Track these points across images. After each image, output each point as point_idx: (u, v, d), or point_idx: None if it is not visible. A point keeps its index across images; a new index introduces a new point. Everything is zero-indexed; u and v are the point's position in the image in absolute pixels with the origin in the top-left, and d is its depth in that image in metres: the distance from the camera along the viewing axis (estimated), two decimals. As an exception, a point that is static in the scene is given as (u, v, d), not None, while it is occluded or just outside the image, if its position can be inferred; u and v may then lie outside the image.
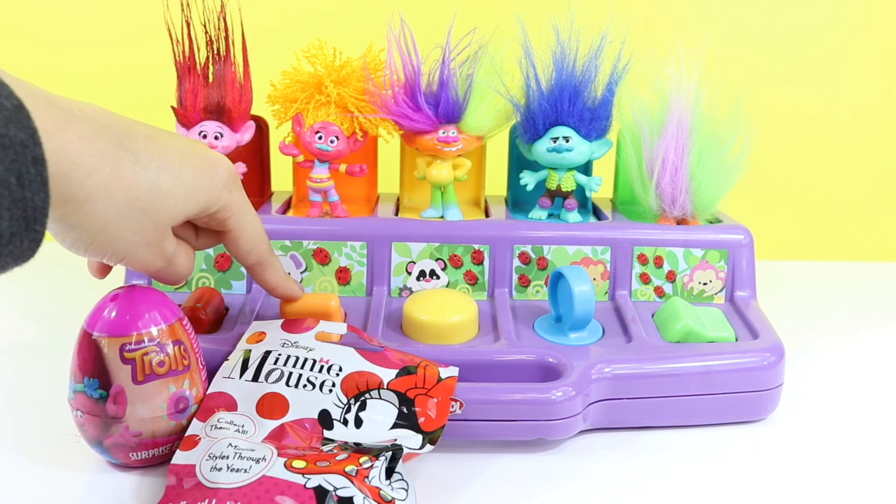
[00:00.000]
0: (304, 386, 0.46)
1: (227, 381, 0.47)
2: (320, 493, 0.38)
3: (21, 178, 0.33)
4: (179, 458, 0.42)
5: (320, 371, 0.47)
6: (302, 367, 0.47)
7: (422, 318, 0.54)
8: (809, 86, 0.91)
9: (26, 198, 0.33)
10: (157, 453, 0.45)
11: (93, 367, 0.43)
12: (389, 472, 0.41)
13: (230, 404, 0.46)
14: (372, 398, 0.46)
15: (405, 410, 0.45)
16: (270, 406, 0.45)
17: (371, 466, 0.40)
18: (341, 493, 0.38)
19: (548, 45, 0.60)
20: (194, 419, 0.45)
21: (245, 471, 0.40)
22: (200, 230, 0.48)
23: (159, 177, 0.41)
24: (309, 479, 0.39)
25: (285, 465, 0.40)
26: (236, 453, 0.41)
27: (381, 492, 0.40)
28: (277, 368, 0.47)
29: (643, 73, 0.61)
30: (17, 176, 0.33)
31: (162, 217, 0.41)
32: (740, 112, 0.61)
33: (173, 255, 0.44)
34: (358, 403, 0.45)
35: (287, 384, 0.46)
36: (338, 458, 0.41)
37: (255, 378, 0.47)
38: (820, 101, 0.92)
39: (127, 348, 0.43)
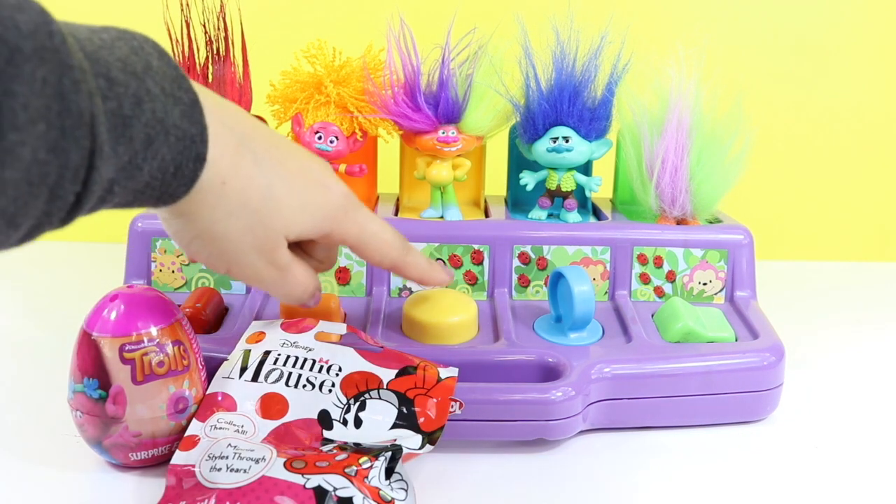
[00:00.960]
0: (304, 386, 0.46)
1: (227, 381, 0.47)
2: (320, 493, 0.38)
3: (179, 169, 0.34)
4: (179, 458, 0.42)
5: (320, 371, 0.47)
6: (301, 367, 0.47)
7: (422, 319, 0.54)
8: (809, 86, 0.91)
9: (171, 186, 0.35)
10: (156, 453, 0.45)
11: (92, 367, 0.43)
12: (389, 472, 0.41)
13: (230, 404, 0.46)
14: (371, 398, 0.46)
15: (405, 410, 0.45)
16: (270, 406, 0.45)
17: (371, 467, 0.40)
18: (341, 493, 0.38)
19: (547, 45, 0.60)
20: (194, 419, 0.45)
21: (244, 471, 0.40)
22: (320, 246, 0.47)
23: (274, 182, 0.40)
24: (308, 479, 0.39)
25: (285, 466, 0.40)
26: (236, 453, 0.41)
27: (381, 492, 0.40)
28: (277, 368, 0.47)
29: (643, 73, 0.61)
30: (176, 167, 0.34)
31: (274, 222, 0.40)
32: (740, 112, 0.61)
33: (287, 267, 0.43)
34: (357, 403, 0.45)
35: (287, 384, 0.46)
36: (337, 458, 0.41)
37: (255, 378, 0.47)
38: (820, 101, 0.92)
39: (126, 348, 0.43)
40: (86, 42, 0.31)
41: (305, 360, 0.48)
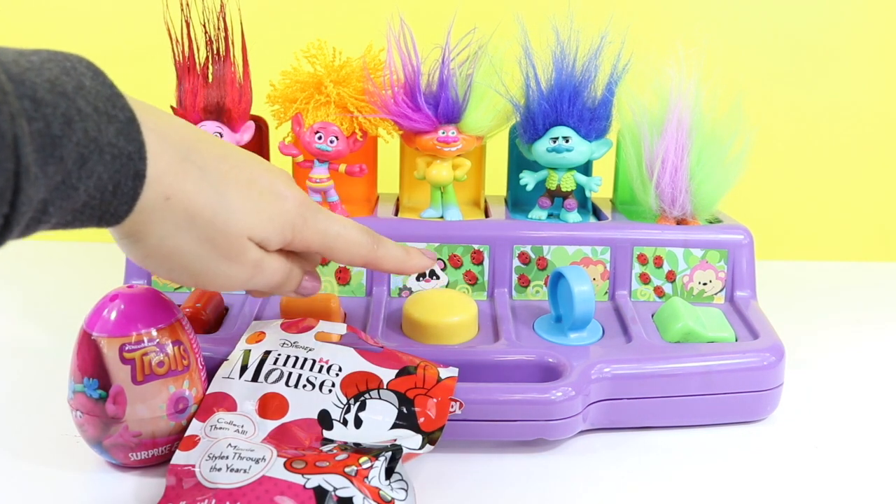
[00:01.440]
0: (304, 386, 0.46)
1: (227, 381, 0.47)
2: (320, 493, 0.38)
3: (118, 187, 0.34)
4: (179, 458, 0.42)
5: (320, 371, 0.47)
6: (301, 367, 0.47)
7: (422, 319, 0.54)
8: (809, 86, 0.91)
9: (112, 205, 0.34)
10: (156, 453, 0.45)
11: (92, 367, 0.43)
12: (389, 472, 0.41)
13: (230, 404, 0.46)
14: (371, 398, 0.46)
15: (405, 410, 0.45)
16: (270, 406, 0.45)
17: (371, 467, 0.40)
18: (341, 493, 0.38)
19: (547, 45, 0.60)
20: (194, 419, 0.45)
21: (245, 471, 0.40)
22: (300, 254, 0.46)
23: (226, 191, 0.39)
24: (308, 479, 0.39)
25: (285, 466, 0.40)
26: (236, 453, 0.41)
27: (381, 492, 0.40)
28: (277, 368, 0.47)
29: (643, 73, 0.61)
30: (114, 185, 0.34)
31: (232, 228, 0.40)
32: (740, 112, 0.61)
33: (258, 262, 0.42)
34: (357, 403, 0.45)
35: (287, 384, 0.46)
36: (337, 458, 0.41)
37: (255, 378, 0.47)
38: (820, 101, 0.92)
39: (126, 348, 0.43)
40: (11, 65, 0.30)
41: (305, 360, 0.48)
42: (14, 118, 0.29)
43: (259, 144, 0.68)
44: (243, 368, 0.47)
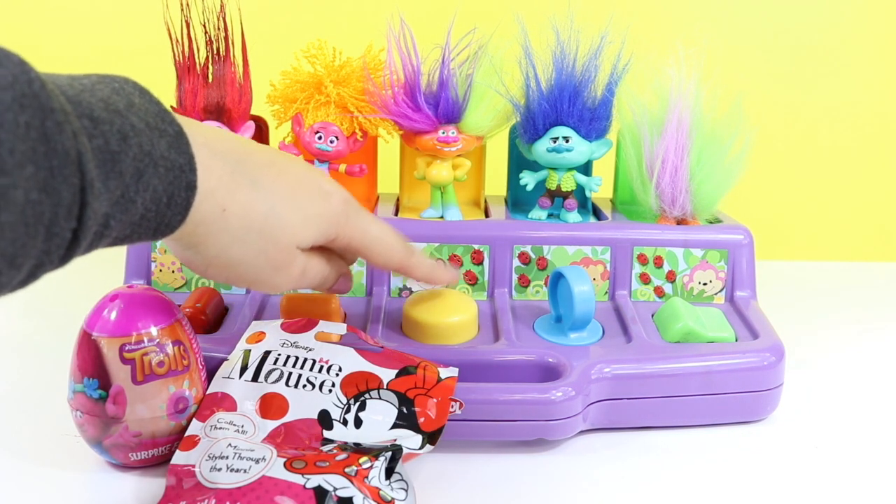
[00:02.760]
0: (304, 386, 0.46)
1: (227, 381, 0.47)
2: (320, 493, 0.38)
3: (171, 199, 0.36)
4: (179, 458, 0.42)
5: (320, 371, 0.47)
6: (301, 368, 0.47)
7: (422, 319, 0.54)
8: (809, 86, 0.91)
9: (166, 216, 0.36)
10: (156, 453, 0.45)
11: (92, 367, 0.43)
12: (389, 472, 0.41)
13: (230, 404, 0.46)
14: (372, 398, 0.46)
15: (405, 410, 0.45)
16: (270, 406, 0.45)
17: (371, 467, 0.40)
18: (341, 493, 0.38)
19: (547, 45, 0.60)
20: (194, 419, 0.45)
21: (245, 471, 0.40)
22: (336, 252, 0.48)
23: (275, 202, 0.41)
24: (308, 479, 0.39)
25: (285, 466, 0.40)
26: (236, 453, 0.41)
27: (381, 492, 0.40)
28: (277, 368, 0.47)
29: (643, 73, 0.61)
30: (168, 197, 0.35)
31: (282, 239, 0.42)
32: (740, 112, 0.61)
33: (304, 271, 0.44)
34: (358, 403, 0.45)
35: (287, 384, 0.46)
36: (337, 458, 0.41)
37: (255, 378, 0.47)
38: (820, 101, 0.92)
39: (126, 348, 0.43)
40: (66, 87, 0.32)
41: (305, 360, 0.48)
42: (76, 136, 0.30)
43: (259, 144, 0.68)
44: (243, 368, 0.47)
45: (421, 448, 0.44)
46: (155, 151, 0.34)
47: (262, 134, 0.68)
